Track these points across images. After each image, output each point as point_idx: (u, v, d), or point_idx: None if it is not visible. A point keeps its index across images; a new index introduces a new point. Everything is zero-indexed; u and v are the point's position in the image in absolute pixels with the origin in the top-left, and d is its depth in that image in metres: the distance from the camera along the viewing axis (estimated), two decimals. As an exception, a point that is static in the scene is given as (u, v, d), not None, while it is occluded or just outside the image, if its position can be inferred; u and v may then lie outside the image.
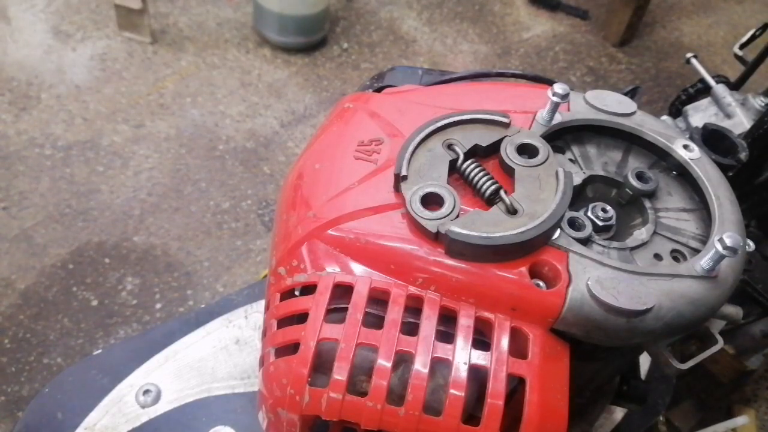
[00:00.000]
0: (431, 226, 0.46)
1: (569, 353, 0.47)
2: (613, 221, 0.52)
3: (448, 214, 0.47)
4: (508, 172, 0.51)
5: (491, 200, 0.49)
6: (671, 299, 0.46)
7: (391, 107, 0.58)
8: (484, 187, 0.49)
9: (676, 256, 0.51)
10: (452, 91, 0.62)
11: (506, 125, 0.53)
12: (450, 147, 0.52)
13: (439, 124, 0.53)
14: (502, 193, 0.48)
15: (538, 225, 0.46)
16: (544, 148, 0.52)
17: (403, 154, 0.50)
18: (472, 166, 0.50)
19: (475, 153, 0.52)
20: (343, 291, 0.47)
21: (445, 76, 0.69)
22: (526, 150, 0.52)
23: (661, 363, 0.51)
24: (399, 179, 0.49)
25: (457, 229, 0.45)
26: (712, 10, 3.28)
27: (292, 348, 0.46)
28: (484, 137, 0.53)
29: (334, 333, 0.44)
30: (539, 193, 0.49)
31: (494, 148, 0.53)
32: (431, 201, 0.48)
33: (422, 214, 0.47)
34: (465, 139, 0.52)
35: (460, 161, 0.51)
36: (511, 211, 0.48)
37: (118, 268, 1.97)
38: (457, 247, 0.46)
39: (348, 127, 0.58)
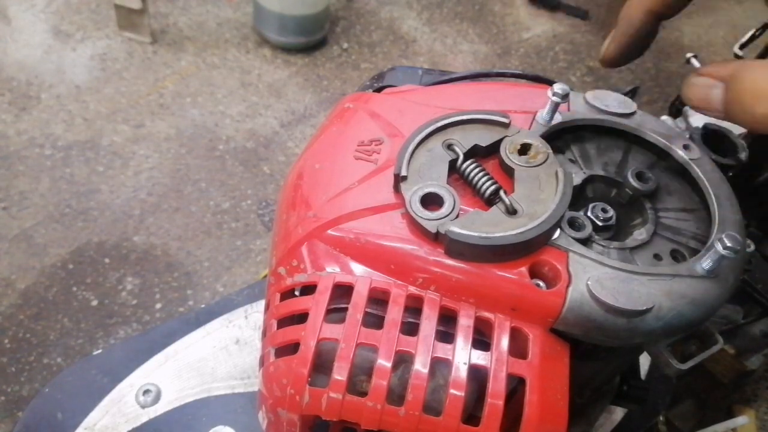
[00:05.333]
0: (431, 227, 0.46)
1: (569, 353, 0.47)
2: (613, 221, 0.52)
3: (447, 215, 0.47)
4: (508, 172, 0.51)
5: (491, 200, 0.49)
6: (671, 299, 0.46)
7: (391, 107, 0.58)
8: (484, 187, 0.49)
9: (676, 256, 0.51)
10: (452, 91, 0.62)
11: (506, 125, 0.53)
12: (450, 147, 0.52)
13: (438, 124, 0.53)
14: (501, 193, 0.48)
15: (537, 225, 0.46)
16: (544, 148, 0.51)
17: (402, 154, 0.50)
18: (472, 166, 0.50)
19: (475, 153, 0.52)
20: (343, 291, 0.47)
21: (445, 76, 0.68)
22: (525, 150, 0.52)
23: (661, 363, 0.51)
24: (398, 179, 0.49)
25: (456, 229, 0.45)
26: (712, 10, 3.29)
27: (292, 348, 0.46)
28: (484, 137, 0.53)
29: (334, 333, 0.44)
30: (539, 193, 0.49)
31: (494, 148, 0.52)
32: (431, 201, 0.48)
33: (422, 215, 0.47)
34: (465, 139, 0.52)
35: (459, 161, 0.51)
36: (511, 211, 0.47)
37: (118, 268, 1.97)
38: (457, 248, 0.46)
39: (348, 127, 0.58)
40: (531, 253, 0.47)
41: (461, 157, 0.51)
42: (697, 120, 1.14)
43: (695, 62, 1.21)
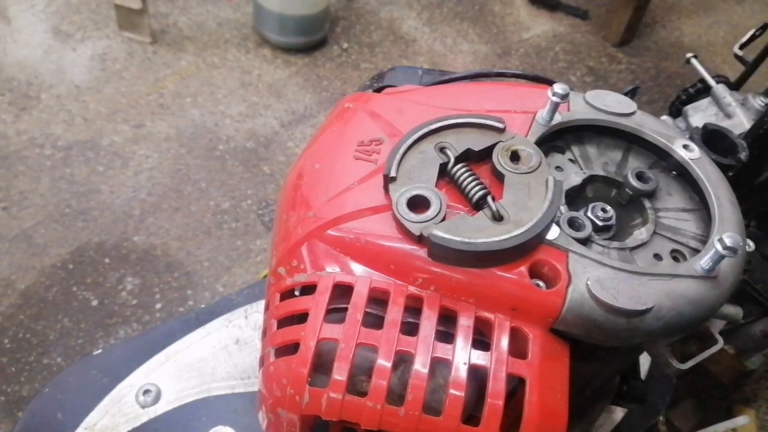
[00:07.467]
0: (415, 229, 0.46)
1: (569, 353, 0.47)
2: (613, 221, 0.52)
3: (433, 218, 0.47)
4: (499, 177, 0.51)
5: (479, 205, 0.49)
6: (671, 299, 0.46)
7: (391, 107, 0.58)
8: (472, 192, 0.49)
9: (676, 256, 0.51)
10: (452, 92, 0.62)
11: (501, 130, 0.53)
12: (442, 150, 0.52)
13: (432, 127, 0.53)
14: (489, 199, 0.48)
15: (521, 234, 0.46)
16: (536, 155, 0.51)
17: (393, 156, 0.50)
18: (462, 170, 0.50)
19: (468, 157, 0.52)
20: (343, 291, 0.47)
21: (445, 76, 0.69)
22: (518, 156, 0.52)
23: (661, 363, 0.51)
24: (387, 180, 0.49)
25: (439, 233, 0.45)
26: (712, 10, 3.28)
27: (292, 348, 0.46)
28: (478, 142, 0.52)
29: (334, 333, 0.44)
30: (527, 200, 0.48)
31: (487, 153, 0.52)
32: (418, 203, 0.48)
33: (407, 217, 0.47)
34: (458, 142, 0.52)
35: (450, 165, 0.51)
36: (497, 217, 0.47)
37: (118, 268, 1.97)
38: (439, 251, 0.45)
39: (348, 127, 0.58)
40: (518, 259, 0.46)
41: (452, 161, 0.51)
42: (697, 120, 1.14)
43: (695, 62, 1.21)
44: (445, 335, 0.45)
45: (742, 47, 1.29)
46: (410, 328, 0.45)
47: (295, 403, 0.44)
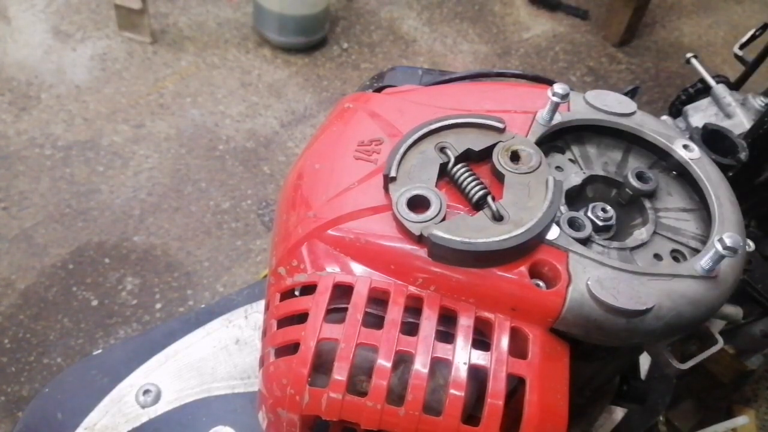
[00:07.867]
0: (415, 229, 0.46)
1: (569, 353, 0.47)
2: (613, 221, 0.52)
3: (433, 218, 0.47)
4: (499, 177, 0.51)
5: (479, 205, 0.49)
6: (671, 299, 0.46)
7: (391, 107, 0.58)
8: (472, 192, 0.49)
9: (676, 256, 0.51)
10: (452, 92, 0.62)
11: (501, 130, 0.53)
12: (442, 150, 0.52)
13: (432, 127, 0.53)
14: (489, 199, 0.48)
15: (521, 233, 0.46)
16: (536, 155, 0.51)
17: (393, 156, 0.50)
18: (462, 170, 0.50)
19: (468, 157, 0.52)
20: (343, 291, 0.47)
21: (445, 76, 0.69)
22: (518, 156, 0.52)
23: (661, 363, 0.51)
24: (387, 180, 0.49)
25: (439, 233, 0.45)
26: (712, 10, 3.28)
27: (292, 348, 0.46)
28: (478, 142, 0.52)
29: (334, 333, 0.44)
30: (527, 200, 0.49)
31: (488, 153, 0.52)
32: (418, 203, 0.48)
33: (407, 217, 0.47)
34: (458, 142, 0.52)
35: (450, 165, 0.51)
36: (497, 217, 0.47)
37: (118, 268, 1.97)
38: (439, 251, 0.46)
39: (348, 127, 0.58)
40: (518, 259, 0.47)
41: (452, 161, 0.51)
42: (697, 120, 1.14)
43: (695, 62, 1.21)
44: (445, 335, 0.45)
45: (742, 47, 1.29)
46: (410, 328, 0.45)
47: (295, 403, 0.44)
